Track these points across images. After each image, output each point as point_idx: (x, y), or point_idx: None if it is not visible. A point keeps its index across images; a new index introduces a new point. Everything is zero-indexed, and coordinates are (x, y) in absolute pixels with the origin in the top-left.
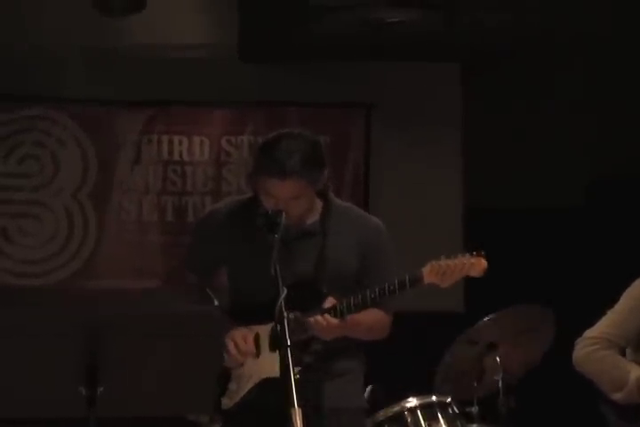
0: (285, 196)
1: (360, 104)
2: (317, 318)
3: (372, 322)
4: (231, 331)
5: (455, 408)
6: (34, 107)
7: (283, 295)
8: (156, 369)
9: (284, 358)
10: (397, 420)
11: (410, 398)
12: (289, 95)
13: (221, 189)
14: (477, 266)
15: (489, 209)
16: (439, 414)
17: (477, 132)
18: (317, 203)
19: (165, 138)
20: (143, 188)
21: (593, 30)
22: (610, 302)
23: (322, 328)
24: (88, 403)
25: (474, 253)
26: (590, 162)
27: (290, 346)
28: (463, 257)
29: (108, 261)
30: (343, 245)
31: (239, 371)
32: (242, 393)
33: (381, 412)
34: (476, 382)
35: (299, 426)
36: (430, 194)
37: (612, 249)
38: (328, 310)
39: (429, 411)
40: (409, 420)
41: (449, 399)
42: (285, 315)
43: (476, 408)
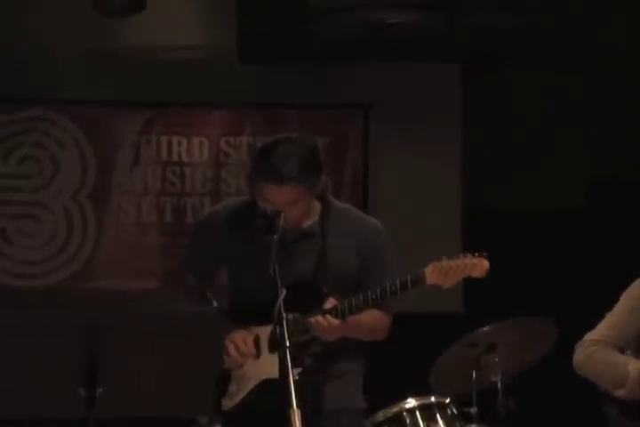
0: (282, 201)
1: (359, 105)
2: (318, 319)
3: (372, 323)
4: (231, 333)
5: (454, 409)
6: (33, 108)
7: (282, 296)
8: (155, 370)
9: (283, 360)
10: (396, 421)
11: (409, 399)
12: (287, 96)
13: (220, 190)
14: (479, 267)
15: (488, 210)
16: (438, 415)
17: (477, 133)
18: (316, 205)
19: (164, 139)
20: (142, 189)
21: (593, 31)
22: (609, 303)
23: (323, 329)
24: (87, 404)
25: (476, 254)
26: (590, 163)
27: (289, 347)
28: (465, 258)
29: (107, 262)
30: (342, 246)
31: (239, 372)
32: (242, 395)
33: (380, 413)
34: (473, 382)
35: None
36: (429, 195)
37: (611, 250)
38: (329, 311)
39: (428, 412)
40: (408, 421)
41: (448, 400)
42: (284, 316)
43: (474, 409)
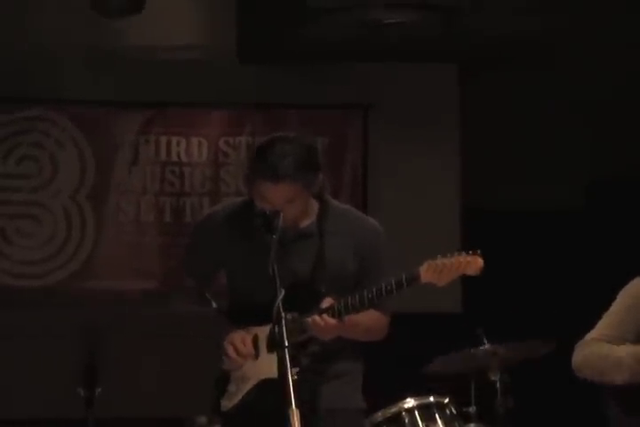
0: (279, 199)
1: (358, 105)
2: (315, 319)
3: (370, 323)
4: (230, 334)
5: (453, 409)
6: (33, 108)
7: (281, 296)
8: (155, 370)
9: (282, 360)
10: (395, 421)
11: (407, 399)
12: (287, 97)
13: (219, 190)
14: (474, 264)
15: (487, 210)
16: (437, 415)
17: (475, 133)
18: (314, 205)
19: (163, 139)
20: (141, 189)
21: (593, 31)
22: (608, 302)
23: (320, 328)
24: (86, 404)
25: (470, 252)
26: (590, 163)
27: (288, 347)
28: (460, 256)
29: (106, 262)
30: (340, 246)
31: (238, 373)
32: (241, 395)
33: (379, 413)
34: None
35: None
36: (429, 195)
37: (611, 250)
38: (326, 310)
39: (427, 412)
40: (406, 420)
41: (447, 400)
42: (283, 316)
43: (473, 408)
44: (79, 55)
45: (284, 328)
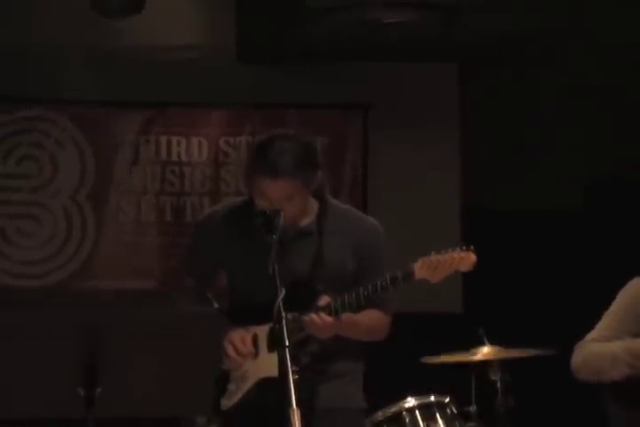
0: (278, 196)
1: (358, 105)
2: (312, 317)
3: (371, 323)
4: (229, 333)
5: (454, 408)
6: (33, 108)
7: (281, 296)
8: (155, 370)
9: (282, 359)
10: (396, 420)
11: (408, 399)
12: (286, 96)
13: (220, 190)
14: (467, 260)
15: (487, 209)
16: (437, 415)
17: (475, 133)
18: (314, 204)
19: (164, 139)
20: (141, 188)
21: (593, 31)
22: (609, 302)
23: (317, 326)
24: (86, 404)
25: (463, 248)
26: (589, 163)
27: (288, 347)
28: (453, 252)
29: (106, 261)
30: (339, 245)
31: (238, 372)
32: (240, 394)
33: (380, 412)
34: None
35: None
36: (428, 194)
37: (610, 250)
38: (323, 308)
39: (428, 411)
40: (407, 420)
41: (447, 399)
42: (284, 315)
43: (474, 408)
44: (79, 55)
45: (284, 328)
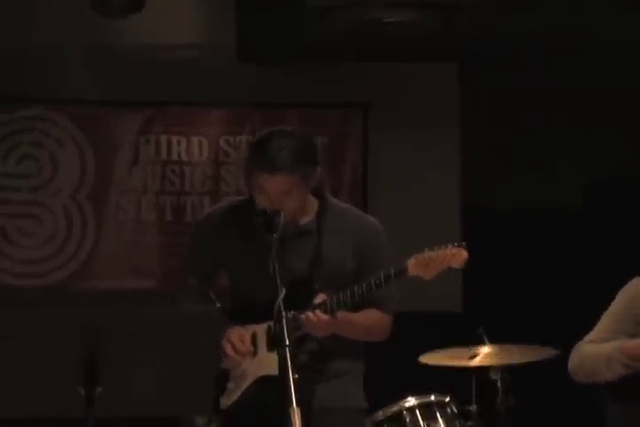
0: (276, 191)
1: (358, 104)
2: (308, 315)
3: (370, 323)
4: (227, 332)
5: (454, 408)
6: (33, 107)
7: (281, 295)
8: (155, 369)
9: (282, 358)
10: (396, 419)
11: (408, 398)
12: (286, 96)
13: (220, 189)
14: (458, 257)
15: (487, 209)
16: (438, 414)
17: (475, 132)
18: (314, 202)
19: (164, 138)
20: (141, 188)
21: (593, 30)
22: (609, 301)
23: (313, 324)
24: (87, 403)
25: (455, 245)
26: (589, 163)
27: (288, 346)
28: (446, 248)
29: (106, 261)
30: (339, 244)
31: (237, 371)
32: (240, 392)
33: (380, 412)
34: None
35: (297, 426)
36: (429, 194)
37: (610, 249)
38: (318, 306)
39: (428, 410)
40: (408, 419)
41: (447, 399)
42: (284, 315)
43: (474, 407)
44: (79, 54)
45: (284, 327)
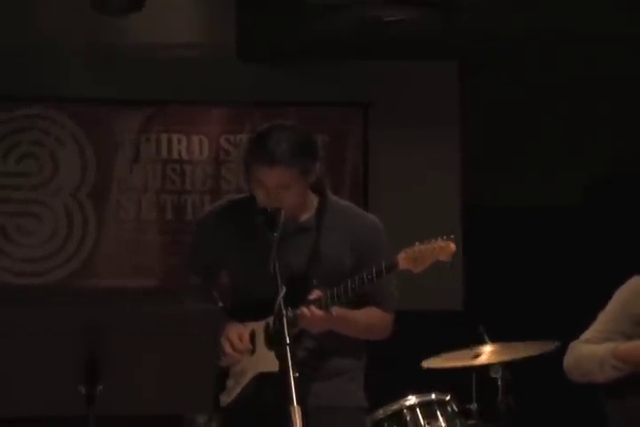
0: (274, 184)
1: (358, 103)
2: (303, 310)
3: (370, 321)
4: (226, 329)
5: (454, 406)
6: (33, 106)
7: (282, 293)
8: (155, 368)
9: (283, 357)
10: (397, 418)
11: (409, 397)
12: (287, 94)
13: (220, 188)
14: (446, 250)
15: (488, 207)
16: (438, 413)
17: (476, 131)
18: (314, 199)
19: (164, 137)
20: (142, 186)
21: (593, 29)
22: (607, 299)
23: (307, 320)
24: (87, 401)
25: (444, 238)
26: (589, 161)
27: (289, 344)
28: (435, 242)
29: (106, 259)
30: (337, 242)
31: (237, 368)
32: (239, 389)
33: (381, 410)
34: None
35: (298, 424)
36: (429, 192)
37: (609, 247)
38: (313, 302)
39: (428, 409)
40: (408, 418)
41: (448, 397)
42: (285, 313)
43: (475, 406)
44: (79, 53)
45: (285, 325)
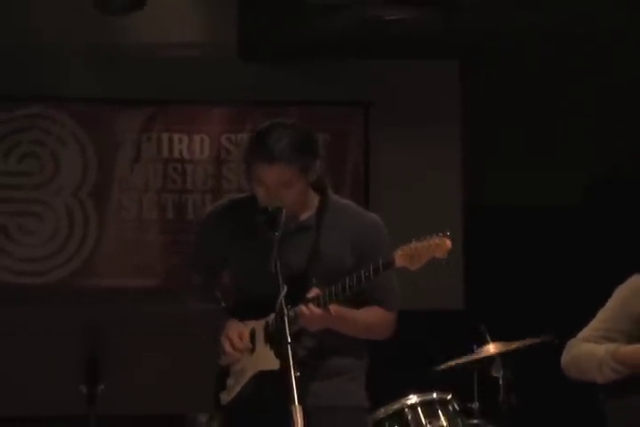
0: (273, 181)
1: (359, 102)
2: (301, 308)
3: (370, 320)
4: (226, 328)
5: (456, 405)
6: (34, 105)
7: (283, 293)
8: (156, 367)
9: (284, 356)
10: (398, 417)
11: (410, 396)
12: (288, 94)
13: (222, 187)
14: (442, 246)
15: (488, 207)
16: (439, 411)
17: (476, 130)
18: (314, 198)
19: (165, 136)
20: (143, 186)
21: (593, 29)
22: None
23: (306, 318)
24: (88, 401)
25: (440, 235)
26: (589, 161)
27: (290, 343)
28: (430, 239)
29: (108, 259)
30: (337, 241)
31: (237, 367)
32: (239, 387)
33: (382, 409)
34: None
35: (299, 423)
36: (430, 191)
37: (609, 247)
38: (311, 300)
39: (430, 408)
40: (409, 417)
41: (449, 396)
42: (286, 313)
43: (476, 405)
44: (80, 53)
45: (286, 325)
